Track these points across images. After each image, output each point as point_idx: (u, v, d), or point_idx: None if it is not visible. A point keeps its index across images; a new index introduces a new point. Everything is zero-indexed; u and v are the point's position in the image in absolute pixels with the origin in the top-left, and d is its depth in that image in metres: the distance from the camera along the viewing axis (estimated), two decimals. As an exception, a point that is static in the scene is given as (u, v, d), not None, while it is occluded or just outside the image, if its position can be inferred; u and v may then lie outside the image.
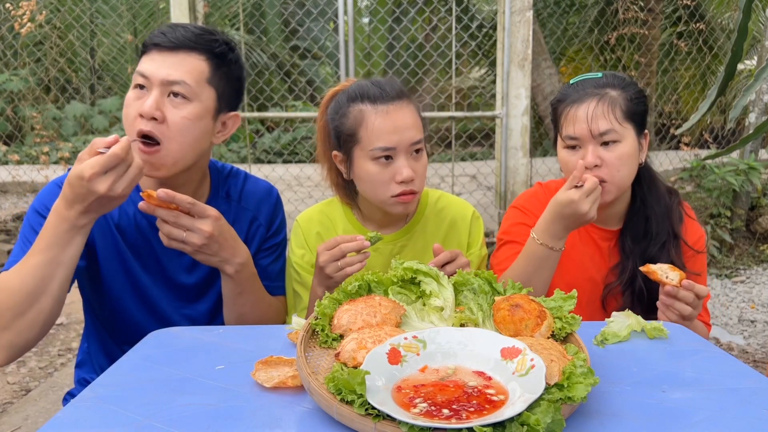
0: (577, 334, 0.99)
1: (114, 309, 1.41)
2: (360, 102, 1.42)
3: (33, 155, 6.19)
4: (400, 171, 1.40)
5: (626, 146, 1.45)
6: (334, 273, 1.31)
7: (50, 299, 1.15)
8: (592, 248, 1.63)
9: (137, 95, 1.28)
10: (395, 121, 1.40)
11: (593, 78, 1.52)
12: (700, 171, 4.86)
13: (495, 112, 4.27)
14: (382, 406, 0.74)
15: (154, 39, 1.29)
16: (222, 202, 1.45)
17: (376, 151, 1.40)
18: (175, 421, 0.81)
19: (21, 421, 2.52)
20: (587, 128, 1.44)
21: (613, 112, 1.44)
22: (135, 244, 1.39)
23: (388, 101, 1.41)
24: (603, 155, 1.44)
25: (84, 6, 6.14)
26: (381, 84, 1.44)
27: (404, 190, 1.42)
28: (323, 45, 8.83)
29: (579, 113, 1.46)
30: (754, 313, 3.85)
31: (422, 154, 1.46)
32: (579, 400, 0.76)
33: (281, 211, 1.56)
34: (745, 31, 1.40)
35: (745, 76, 7.04)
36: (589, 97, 1.46)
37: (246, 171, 1.56)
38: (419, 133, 1.43)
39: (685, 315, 1.31)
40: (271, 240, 1.52)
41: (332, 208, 1.60)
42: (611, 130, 1.43)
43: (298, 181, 5.44)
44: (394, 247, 1.56)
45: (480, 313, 1.03)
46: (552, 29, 7.40)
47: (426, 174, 1.49)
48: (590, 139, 1.45)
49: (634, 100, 1.48)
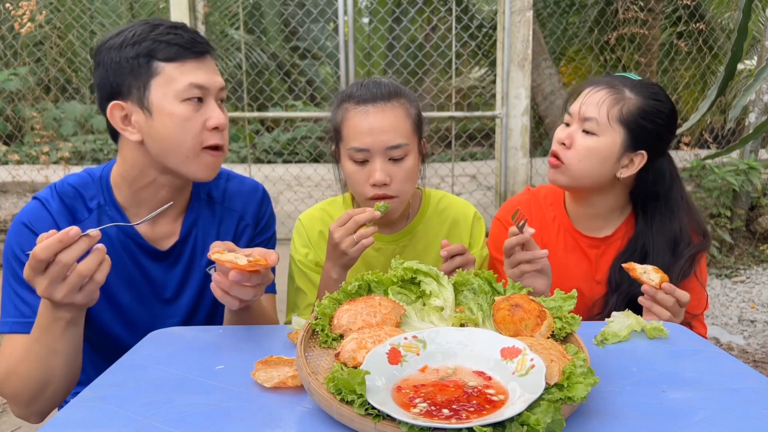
0: (577, 334, 0.99)
1: (95, 328, 1.35)
2: (347, 100, 1.45)
3: (33, 155, 6.19)
4: (372, 173, 1.40)
5: (600, 143, 1.44)
6: (350, 248, 1.32)
7: (61, 379, 1.16)
8: (578, 256, 1.60)
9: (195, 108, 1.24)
10: (372, 123, 1.40)
11: (630, 77, 1.51)
12: (700, 171, 4.86)
13: (495, 112, 4.27)
14: (382, 406, 0.74)
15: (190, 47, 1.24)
16: (204, 205, 1.42)
17: (351, 151, 1.41)
18: (175, 421, 0.81)
19: (21, 421, 2.52)
20: (578, 107, 1.47)
21: (610, 107, 1.44)
22: (119, 266, 1.31)
23: (370, 102, 1.41)
24: (575, 137, 1.46)
25: (84, 6, 6.14)
26: (371, 84, 1.45)
27: (377, 194, 1.41)
28: (323, 45, 8.84)
29: (584, 92, 1.48)
30: (754, 313, 3.85)
31: (406, 160, 1.42)
32: (579, 400, 0.76)
33: (268, 207, 1.52)
34: (745, 31, 1.40)
35: (745, 76, 7.04)
36: (606, 85, 1.47)
37: (230, 170, 1.53)
38: (400, 137, 1.40)
39: (663, 319, 1.27)
40: (259, 237, 1.49)
41: (334, 207, 1.60)
42: (593, 119, 1.44)
43: (298, 181, 5.44)
44: (396, 247, 1.56)
45: (480, 312, 1.03)
46: (552, 29, 7.40)
47: (413, 179, 1.46)
48: (576, 119, 1.47)
49: (642, 114, 1.44)
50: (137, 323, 1.33)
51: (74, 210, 1.30)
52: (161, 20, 1.26)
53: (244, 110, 4.98)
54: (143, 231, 1.33)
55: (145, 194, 1.31)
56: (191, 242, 1.39)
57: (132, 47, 1.20)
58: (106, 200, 1.31)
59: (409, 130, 1.43)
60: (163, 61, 1.21)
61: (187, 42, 1.23)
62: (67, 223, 1.28)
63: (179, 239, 1.37)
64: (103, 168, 1.35)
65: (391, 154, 1.40)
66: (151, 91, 1.21)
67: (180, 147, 1.23)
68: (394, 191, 1.42)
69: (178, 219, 1.38)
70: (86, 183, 1.32)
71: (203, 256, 1.39)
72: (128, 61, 1.20)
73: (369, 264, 1.56)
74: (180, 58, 1.22)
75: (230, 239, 1.43)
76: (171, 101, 1.21)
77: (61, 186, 1.32)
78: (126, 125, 1.24)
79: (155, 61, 1.21)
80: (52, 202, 1.29)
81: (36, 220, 1.26)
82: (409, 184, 1.45)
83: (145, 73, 1.21)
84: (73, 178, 1.34)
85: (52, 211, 1.28)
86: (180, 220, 1.38)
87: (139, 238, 1.33)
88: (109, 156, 7.39)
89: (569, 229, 1.61)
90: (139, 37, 1.21)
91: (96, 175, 1.34)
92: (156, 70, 1.21)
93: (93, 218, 1.30)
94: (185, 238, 1.38)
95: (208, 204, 1.43)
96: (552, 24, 7.51)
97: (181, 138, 1.23)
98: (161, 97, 1.21)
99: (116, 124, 1.24)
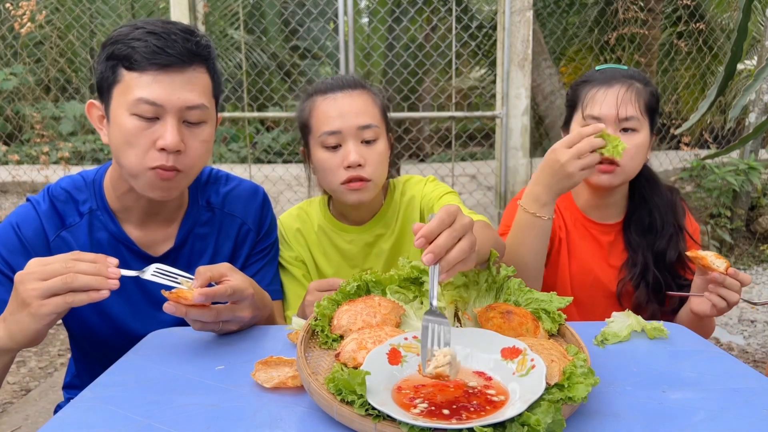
0: (578, 335, 0.99)
1: (86, 334, 1.33)
2: (312, 95, 1.48)
3: (33, 155, 6.19)
4: (347, 156, 1.41)
5: (641, 137, 1.51)
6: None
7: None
8: (591, 243, 1.64)
9: (144, 126, 1.15)
10: (341, 106, 1.43)
11: (619, 68, 1.57)
12: (700, 171, 4.86)
13: (495, 112, 4.27)
14: (383, 406, 0.74)
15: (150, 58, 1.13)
16: (203, 211, 1.38)
17: (324, 136, 1.43)
18: (175, 421, 0.81)
19: (21, 421, 2.52)
20: (614, 111, 1.48)
21: (638, 101, 1.50)
22: None
23: (337, 90, 1.45)
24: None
25: (84, 6, 6.14)
26: (336, 78, 1.50)
27: (351, 176, 1.42)
28: (323, 45, 8.83)
29: (608, 96, 1.50)
30: (754, 313, 3.85)
31: (377, 143, 1.45)
32: (579, 401, 0.76)
33: (270, 211, 1.49)
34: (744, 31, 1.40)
35: (745, 76, 7.03)
36: (618, 82, 1.51)
37: (228, 173, 1.48)
38: (370, 118, 1.43)
39: (732, 302, 1.32)
40: (262, 242, 1.46)
41: (311, 206, 1.64)
42: (634, 117, 1.49)
43: (298, 181, 5.43)
44: (369, 236, 1.57)
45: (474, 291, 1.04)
46: (552, 29, 7.40)
47: (384, 163, 1.47)
48: (613, 122, 1.49)
49: (653, 97, 1.54)
50: (128, 330, 1.29)
51: (64, 214, 1.28)
52: (148, 22, 1.17)
53: (244, 110, 4.98)
54: (135, 236, 1.30)
55: (128, 200, 1.28)
56: (188, 249, 1.35)
57: (110, 47, 1.15)
58: (98, 205, 1.29)
59: (377, 115, 1.47)
60: (126, 68, 1.14)
61: (152, 52, 1.12)
62: (54, 226, 1.27)
63: (174, 245, 1.33)
64: (97, 171, 1.33)
65: (363, 135, 1.42)
66: (112, 96, 1.16)
67: (125, 161, 1.17)
68: (368, 173, 1.43)
69: (172, 225, 1.34)
70: (79, 186, 1.31)
71: (200, 263, 1.33)
72: (102, 62, 1.17)
73: (345, 255, 1.58)
74: (139, 68, 1.12)
75: (231, 245, 1.40)
76: (123, 112, 1.15)
77: (55, 189, 1.30)
78: (101, 125, 1.23)
79: (120, 67, 1.14)
80: (42, 204, 1.27)
81: (23, 221, 1.25)
82: (382, 167, 1.47)
83: (111, 78, 1.16)
84: (66, 182, 1.32)
85: (40, 214, 1.26)
86: (176, 225, 1.34)
87: (131, 244, 1.29)
88: (109, 156, 7.36)
89: (580, 218, 1.66)
90: (117, 38, 1.15)
91: (90, 178, 1.32)
92: (118, 76, 1.15)
93: (84, 223, 1.28)
94: (181, 245, 1.34)
95: (208, 210, 1.39)
96: (552, 24, 7.50)
97: (125, 151, 1.16)
98: (117, 105, 1.16)
99: (93, 122, 1.24)
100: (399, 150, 5.25)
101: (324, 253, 1.58)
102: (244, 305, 1.12)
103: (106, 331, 1.31)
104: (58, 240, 1.26)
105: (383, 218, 1.58)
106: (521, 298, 1.08)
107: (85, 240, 1.27)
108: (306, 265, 1.58)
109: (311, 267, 1.59)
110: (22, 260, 1.19)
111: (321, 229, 1.59)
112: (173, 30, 1.16)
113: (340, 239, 1.58)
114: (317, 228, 1.59)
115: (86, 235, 1.27)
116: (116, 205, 1.29)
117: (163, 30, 1.15)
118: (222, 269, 1.10)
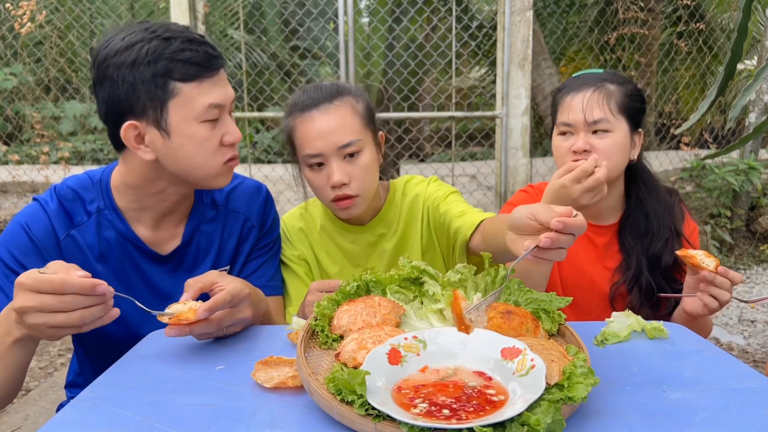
0: (577, 334, 0.99)
1: (94, 338, 1.30)
2: (292, 112, 1.46)
3: (33, 155, 6.19)
4: (330, 176, 1.41)
5: (617, 137, 1.50)
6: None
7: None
8: (586, 245, 1.63)
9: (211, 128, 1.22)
10: (319, 126, 1.40)
11: (594, 72, 1.58)
12: (700, 171, 4.86)
13: (495, 112, 4.27)
14: (383, 406, 0.74)
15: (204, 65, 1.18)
16: (208, 209, 1.41)
17: (306, 158, 1.43)
18: (175, 421, 0.81)
19: (21, 421, 2.52)
20: (582, 116, 1.50)
21: (607, 103, 1.50)
22: (119, 271, 1.30)
23: (313, 107, 1.42)
24: (593, 142, 1.50)
25: (84, 6, 6.14)
26: (312, 89, 1.46)
27: (338, 195, 1.42)
28: (323, 45, 8.82)
29: (575, 101, 1.52)
30: (754, 313, 3.85)
31: (361, 156, 1.42)
32: (579, 400, 0.76)
33: (272, 208, 1.52)
34: (744, 31, 1.40)
35: (745, 76, 7.03)
36: (587, 87, 1.52)
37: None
38: (350, 134, 1.40)
39: (723, 301, 1.32)
40: (265, 238, 1.49)
41: (314, 206, 1.64)
42: (604, 119, 1.49)
43: (298, 181, 5.42)
44: (371, 236, 1.58)
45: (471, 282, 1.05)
46: (552, 29, 7.40)
47: (372, 173, 1.45)
48: (583, 127, 1.50)
49: (630, 96, 1.53)
50: (135, 328, 1.30)
51: (72, 213, 1.28)
52: (171, 30, 1.18)
53: (244, 110, 4.98)
54: (144, 235, 1.32)
55: (150, 201, 1.30)
56: (194, 247, 1.38)
57: (147, 66, 1.14)
58: (106, 204, 1.30)
59: (358, 126, 1.43)
60: (181, 81, 1.16)
61: (203, 59, 1.18)
62: (64, 225, 1.27)
63: (181, 243, 1.36)
64: (103, 171, 1.34)
65: (345, 153, 1.41)
66: (168, 112, 1.17)
67: (203, 166, 1.22)
68: (354, 190, 1.42)
69: (180, 223, 1.37)
70: (86, 186, 1.31)
71: (206, 260, 1.39)
72: (144, 83, 1.14)
73: (348, 254, 1.58)
74: (197, 78, 1.17)
75: (235, 242, 1.42)
76: (190, 123, 1.18)
77: (61, 188, 1.31)
78: (139, 143, 1.20)
79: (172, 82, 1.15)
80: (50, 203, 1.28)
81: (33, 221, 1.26)
82: (369, 179, 1.45)
83: (162, 94, 1.16)
84: (73, 181, 1.32)
85: (49, 213, 1.27)
86: (183, 224, 1.37)
87: (140, 242, 1.31)
88: (109, 156, 7.38)
89: None
90: (154, 55, 1.14)
91: (96, 177, 1.32)
92: (173, 91, 1.16)
93: (92, 222, 1.29)
94: (188, 242, 1.37)
95: (212, 208, 1.42)
96: (552, 24, 7.50)
97: (201, 158, 1.21)
98: (180, 119, 1.17)
99: (129, 143, 1.20)
100: (399, 150, 5.25)
101: (327, 253, 1.59)
102: (243, 306, 1.13)
103: (115, 331, 1.30)
104: (68, 239, 1.27)
105: (384, 218, 1.58)
106: (521, 298, 1.08)
107: (94, 239, 1.29)
108: (308, 264, 1.59)
109: (315, 266, 1.59)
110: (34, 260, 1.22)
111: (324, 228, 1.60)
112: (190, 35, 1.20)
113: (342, 239, 1.58)
114: (320, 228, 1.60)
115: (94, 234, 1.28)
116: (127, 205, 1.30)
117: (188, 36, 1.19)
118: (211, 277, 1.11)
